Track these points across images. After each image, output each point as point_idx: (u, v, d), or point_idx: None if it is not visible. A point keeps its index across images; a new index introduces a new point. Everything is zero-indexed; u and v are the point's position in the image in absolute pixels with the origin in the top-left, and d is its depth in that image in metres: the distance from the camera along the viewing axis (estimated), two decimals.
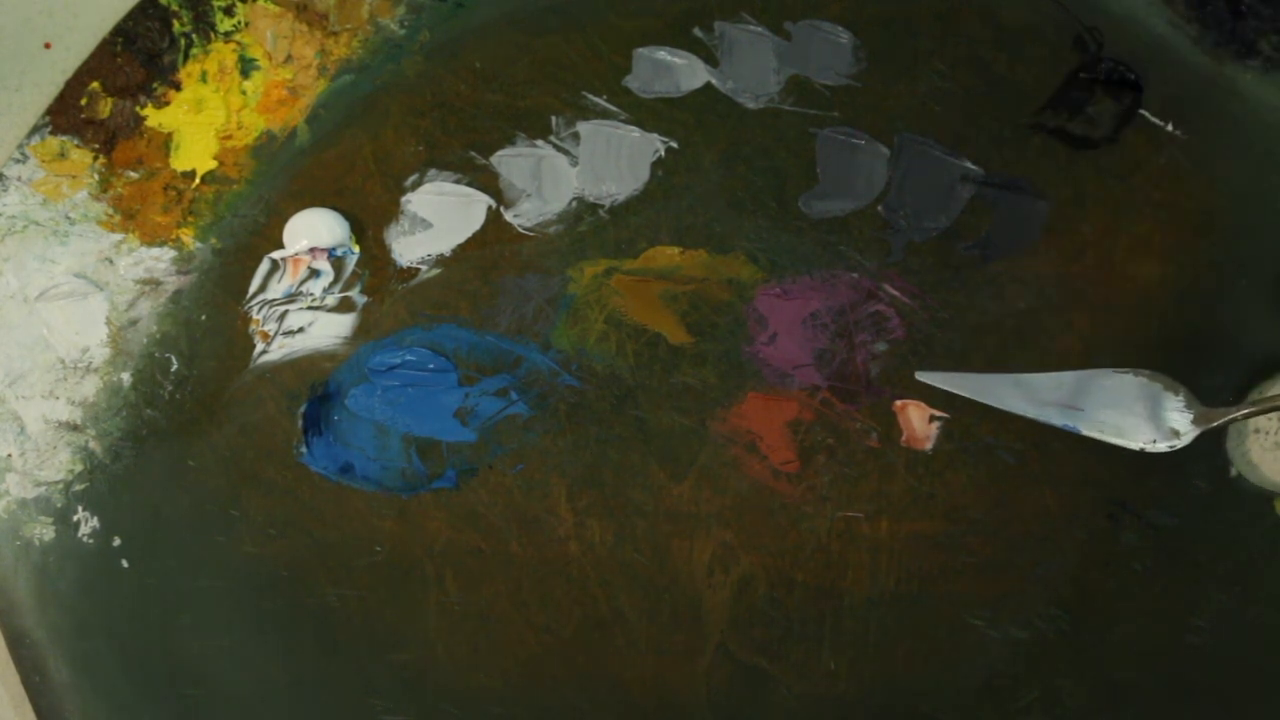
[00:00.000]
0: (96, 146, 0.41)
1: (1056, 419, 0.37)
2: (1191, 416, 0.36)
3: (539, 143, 0.40)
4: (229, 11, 0.41)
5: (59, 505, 0.40)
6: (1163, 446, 0.36)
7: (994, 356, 0.38)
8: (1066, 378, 0.37)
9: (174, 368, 0.40)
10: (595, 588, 0.39)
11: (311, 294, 0.40)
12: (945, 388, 0.38)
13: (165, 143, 0.41)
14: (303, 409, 0.40)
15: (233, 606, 0.39)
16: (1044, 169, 0.39)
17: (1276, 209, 0.38)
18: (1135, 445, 0.36)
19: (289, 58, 0.41)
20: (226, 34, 0.41)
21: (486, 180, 0.40)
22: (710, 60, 0.40)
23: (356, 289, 0.40)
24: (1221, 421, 0.36)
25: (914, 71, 0.39)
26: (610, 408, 0.39)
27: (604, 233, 0.40)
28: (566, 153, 0.40)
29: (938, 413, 0.38)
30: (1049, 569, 0.38)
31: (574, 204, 0.40)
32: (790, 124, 0.40)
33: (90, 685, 0.40)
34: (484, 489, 0.39)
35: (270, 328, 0.40)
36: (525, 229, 0.40)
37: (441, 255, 0.40)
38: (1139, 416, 0.36)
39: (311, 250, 0.40)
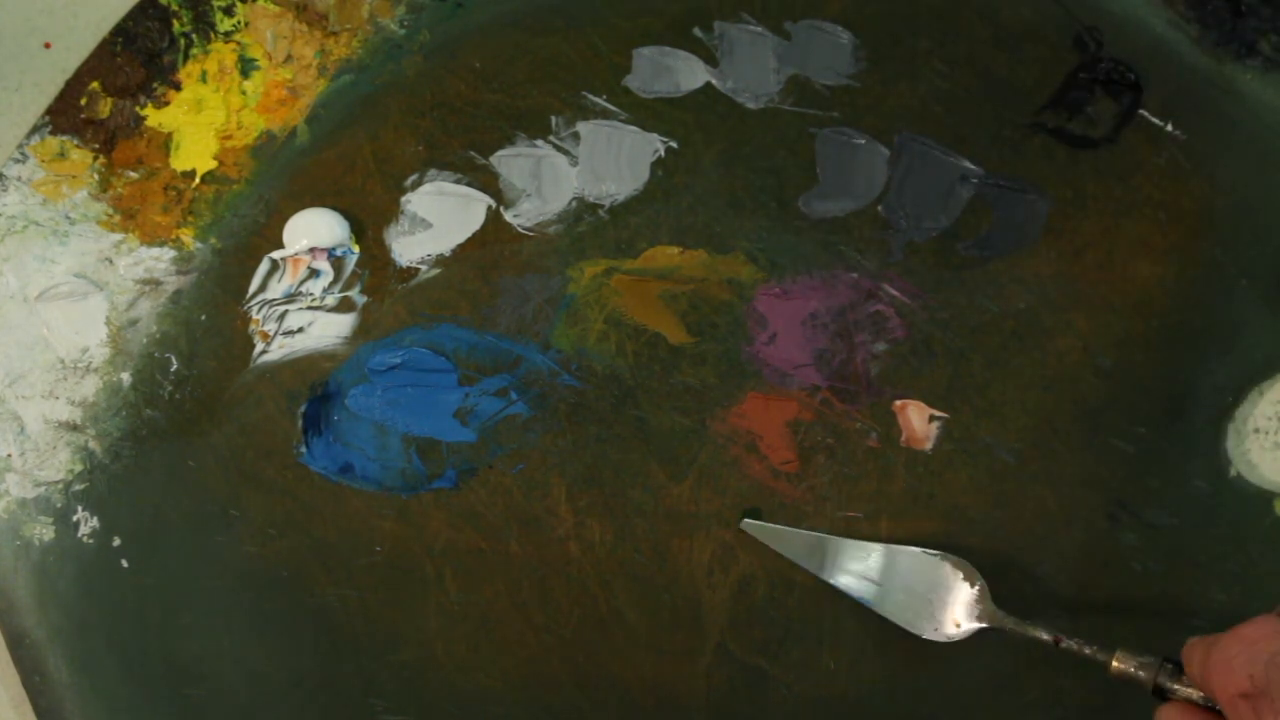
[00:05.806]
0: (96, 146, 0.41)
1: (855, 590, 0.37)
2: (977, 612, 0.35)
3: (539, 143, 0.40)
4: (229, 11, 0.41)
5: (59, 505, 0.40)
6: (941, 638, 0.36)
7: (994, 356, 0.38)
8: (874, 549, 0.37)
9: (174, 368, 0.40)
10: (595, 588, 0.39)
11: (311, 294, 0.40)
12: (765, 541, 0.38)
13: (165, 143, 0.41)
14: (303, 409, 0.40)
15: (233, 606, 0.39)
16: (1044, 169, 0.39)
17: (1276, 209, 0.38)
18: (922, 634, 0.36)
19: (289, 58, 0.41)
20: (226, 34, 0.41)
21: (486, 180, 0.40)
22: (710, 60, 0.40)
23: (356, 289, 0.40)
24: (1000, 625, 0.35)
25: (914, 71, 0.39)
26: (610, 408, 0.39)
27: (604, 233, 0.40)
28: (566, 153, 0.40)
29: (937, 413, 0.38)
30: (1049, 569, 0.38)
31: (574, 204, 0.40)
32: (790, 124, 0.40)
33: (90, 685, 0.40)
34: (484, 489, 0.39)
35: (270, 328, 0.40)
36: (525, 229, 0.40)
37: (441, 255, 0.40)
38: (929, 603, 0.36)
39: (311, 250, 0.40)
